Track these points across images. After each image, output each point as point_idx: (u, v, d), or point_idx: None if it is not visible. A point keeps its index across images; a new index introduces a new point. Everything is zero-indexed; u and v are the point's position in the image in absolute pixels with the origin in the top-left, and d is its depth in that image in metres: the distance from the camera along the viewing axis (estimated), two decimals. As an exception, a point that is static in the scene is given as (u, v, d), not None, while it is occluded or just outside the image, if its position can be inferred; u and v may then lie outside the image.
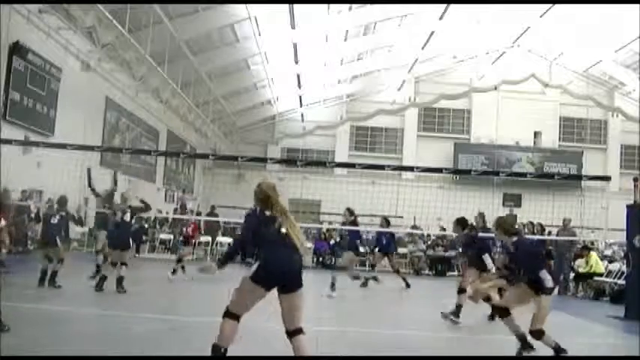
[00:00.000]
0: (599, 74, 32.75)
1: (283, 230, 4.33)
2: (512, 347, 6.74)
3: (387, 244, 13.48)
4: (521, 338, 5.88)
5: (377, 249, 13.77)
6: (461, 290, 8.28)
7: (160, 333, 6.02)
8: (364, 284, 12.62)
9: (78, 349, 5.14)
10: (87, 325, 6.38)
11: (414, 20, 25.03)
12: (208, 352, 5.18)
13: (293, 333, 4.27)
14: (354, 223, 11.60)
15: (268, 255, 4.28)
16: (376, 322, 8.30)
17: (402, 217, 23.85)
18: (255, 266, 4.23)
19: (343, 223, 12.36)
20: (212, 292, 9.44)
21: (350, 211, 11.53)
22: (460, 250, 12.03)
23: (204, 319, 6.54)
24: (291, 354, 5.65)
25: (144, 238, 19.20)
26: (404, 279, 13.07)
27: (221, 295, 9.61)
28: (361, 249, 12.82)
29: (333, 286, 10.85)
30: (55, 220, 9.81)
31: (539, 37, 28.97)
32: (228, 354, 5.14)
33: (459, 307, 8.16)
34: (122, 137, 22.05)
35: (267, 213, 4.46)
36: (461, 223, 8.73)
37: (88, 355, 4.93)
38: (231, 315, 4.25)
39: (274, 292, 4.30)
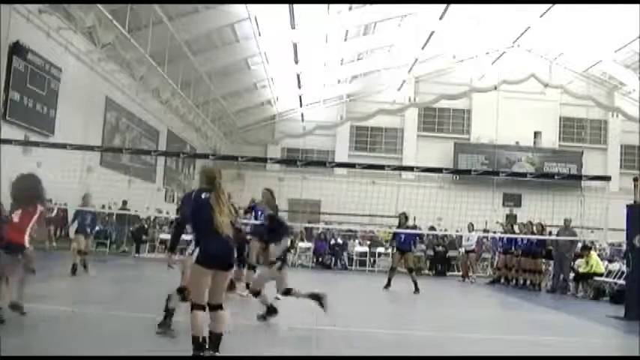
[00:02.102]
0: (599, 74, 32.76)
1: (215, 216, 4.75)
2: (513, 347, 6.74)
3: (404, 241, 13.23)
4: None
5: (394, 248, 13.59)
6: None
7: (159, 333, 6.01)
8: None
9: (78, 349, 5.13)
10: (87, 325, 6.37)
11: (414, 20, 25.02)
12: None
13: (215, 307, 4.77)
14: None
15: (206, 240, 4.75)
16: (376, 322, 8.30)
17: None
18: (196, 251, 4.73)
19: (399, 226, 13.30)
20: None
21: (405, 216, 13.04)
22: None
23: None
24: (292, 354, 5.66)
25: (144, 237, 19.20)
26: (414, 282, 12.66)
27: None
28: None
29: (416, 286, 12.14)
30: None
31: (539, 37, 28.97)
32: (230, 354, 5.15)
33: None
34: (122, 137, 22.05)
35: (203, 196, 4.85)
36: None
37: (88, 355, 4.93)
38: (197, 306, 4.68)
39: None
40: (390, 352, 6.03)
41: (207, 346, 4.68)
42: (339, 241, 20.10)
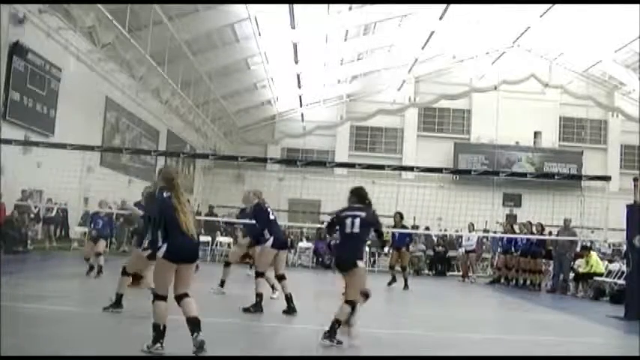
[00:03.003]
0: (599, 74, 32.76)
1: (179, 215, 5.07)
2: (513, 347, 6.75)
3: (399, 240, 13.47)
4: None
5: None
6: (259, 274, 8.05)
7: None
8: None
9: (78, 349, 5.13)
10: (87, 325, 6.37)
11: (414, 20, 25.02)
12: (208, 353, 5.19)
13: (181, 297, 5.07)
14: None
15: (173, 237, 5.03)
16: (376, 322, 8.30)
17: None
18: (164, 247, 5.02)
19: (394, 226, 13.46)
20: (211, 293, 9.44)
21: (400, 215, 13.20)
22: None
23: (203, 320, 6.54)
24: (291, 354, 5.66)
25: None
26: (405, 279, 13.01)
27: (218, 295, 9.60)
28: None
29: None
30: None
31: (539, 37, 28.97)
32: (232, 354, 5.16)
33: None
34: (122, 137, 22.04)
35: (165, 194, 5.17)
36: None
37: (88, 355, 4.93)
38: (160, 297, 4.99)
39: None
40: (390, 352, 6.03)
41: (191, 333, 4.94)
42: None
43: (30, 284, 9.06)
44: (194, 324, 4.98)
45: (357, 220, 6.14)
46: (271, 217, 8.24)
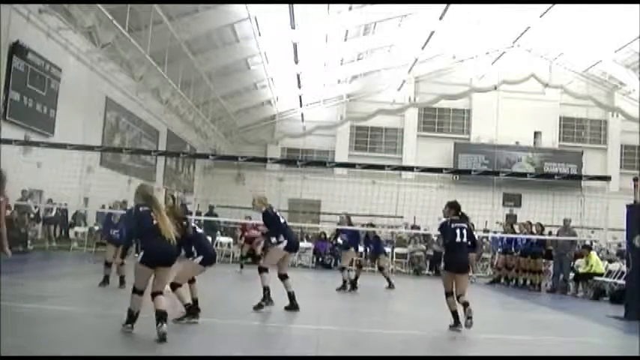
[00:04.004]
0: (599, 74, 32.76)
1: (155, 222, 5.66)
2: (513, 347, 6.75)
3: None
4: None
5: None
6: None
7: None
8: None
9: (78, 349, 5.13)
10: (87, 325, 6.37)
11: (414, 20, 25.02)
12: (207, 353, 5.20)
13: (155, 294, 5.62)
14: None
15: (149, 244, 5.66)
16: (376, 322, 8.30)
17: (402, 216, 23.86)
18: (142, 253, 5.66)
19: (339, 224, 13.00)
20: (209, 294, 9.43)
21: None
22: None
23: (202, 320, 6.55)
24: (291, 354, 5.66)
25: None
26: (355, 279, 12.50)
27: (219, 296, 9.61)
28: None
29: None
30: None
31: (539, 37, 28.97)
32: (233, 354, 5.16)
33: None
34: (122, 137, 22.04)
35: (142, 209, 5.79)
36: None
37: (88, 355, 4.93)
38: (137, 291, 5.68)
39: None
40: (390, 352, 6.03)
41: (157, 323, 5.36)
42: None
43: (30, 284, 9.06)
44: (161, 316, 5.43)
45: (465, 230, 7.48)
46: (281, 220, 8.31)
